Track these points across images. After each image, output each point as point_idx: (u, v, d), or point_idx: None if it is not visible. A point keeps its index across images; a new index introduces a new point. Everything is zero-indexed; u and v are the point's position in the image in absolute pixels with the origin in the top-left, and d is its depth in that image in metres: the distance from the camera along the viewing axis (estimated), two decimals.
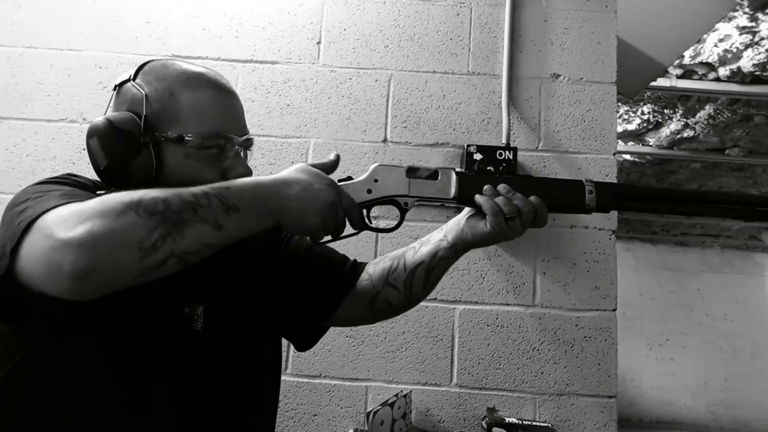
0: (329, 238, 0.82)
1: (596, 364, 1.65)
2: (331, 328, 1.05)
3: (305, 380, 1.65)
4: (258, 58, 1.80)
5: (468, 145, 1.69)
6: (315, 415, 1.63)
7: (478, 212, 0.88)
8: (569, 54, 1.80)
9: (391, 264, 0.96)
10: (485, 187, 0.86)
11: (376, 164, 0.88)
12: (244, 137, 0.85)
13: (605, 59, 1.79)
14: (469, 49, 1.80)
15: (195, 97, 0.81)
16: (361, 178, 0.87)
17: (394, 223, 0.91)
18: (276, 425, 0.93)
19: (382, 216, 1.68)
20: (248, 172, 0.85)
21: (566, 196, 0.88)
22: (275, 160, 1.75)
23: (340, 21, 1.82)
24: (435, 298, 1.68)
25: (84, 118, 1.77)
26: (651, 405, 6.91)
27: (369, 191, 0.86)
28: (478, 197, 0.86)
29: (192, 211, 0.64)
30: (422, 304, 1.66)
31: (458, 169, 0.89)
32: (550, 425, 1.57)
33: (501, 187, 0.86)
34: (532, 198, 0.85)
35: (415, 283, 0.94)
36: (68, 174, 0.79)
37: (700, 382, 6.95)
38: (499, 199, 0.85)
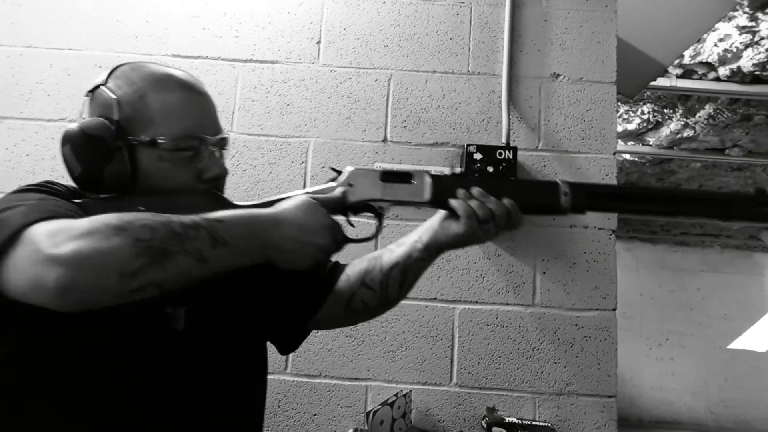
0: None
1: (596, 364, 1.65)
2: None
3: (305, 380, 1.65)
4: (258, 58, 1.80)
5: (468, 145, 1.69)
6: (315, 414, 1.63)
7: (453, 215, 0.88)
8: (569, 54, 1.80)
9: (368, 265, 0.97)
10: (459, 190, 0.86)
11: (351, 168, 0.88)
12: (218, 136, 0.85)
13: (605, 59, 1.79)
14: (469, 49, 1.80)
15: (165, 99, 0.80)
16: (334, 183, 0.87)
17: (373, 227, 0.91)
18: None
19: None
20: (224, 171, 0.85)
21: (540, 198, 0.88)
22: (275, 159, 1.75)
23: (340, 20, 1.82)
24: (435, 298, 1.68)
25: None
26: (651, 404, 6.91)
27: (343, 195, 0.87)
28: (452, 201, 0.86)
29: (178, 242, 0.64)
30: (422, 303, 1.67)
31: (432, 172, 0.89)
32: (549, 425, 1.57)
33: (475, 190, 0.86)
34: (506, 201, 0.85)
35: (391, 284, 0.95)
36: (46, 182, 0.78)
37: (699, 382, 6.94)
38: (473, 203, 0.85)
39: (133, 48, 1.80)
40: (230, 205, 0.82)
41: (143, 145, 0.78)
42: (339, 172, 0.88)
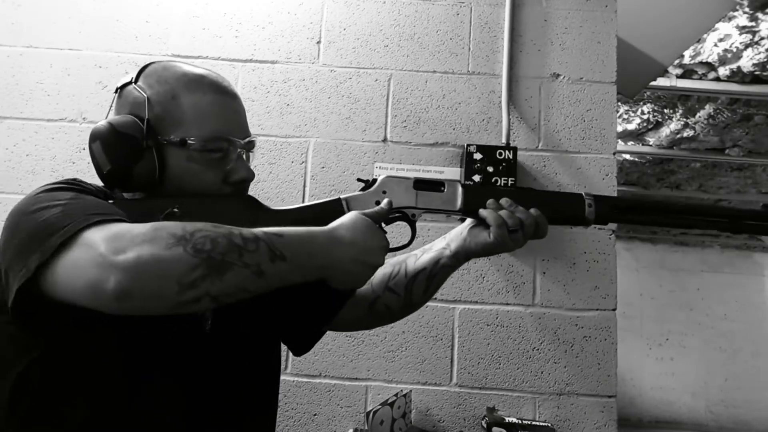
0: None
1: (596, 364, 1.65)
2: None
3: (305, 380, 1.65)
4: (258, 58, 1.80)
5: (468, 145, 1.69)
6: (315, 414, 1.63)
7: (481, 223, 0.90)
8: (569, 54, 1.80)
9: (392, 270, 0.98)
10: (489, 201, 0.89)
11: (384, 176, 0.90)
12: (247, 139, 0.85)
13: (605, 59, 1.79)
14: (469, 49, 1.80)
15: (197, 100, 0.80)
16: (370, 190, 0.89)
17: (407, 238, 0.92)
18: (276, 425, 0.94)
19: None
20: (251, 175, 0.86)
21: (567, 209, 0.92)
22: (275, 159, 1.75)
23: (340, 20, 1.82)
24: (435, 298, 1.67)
25: (84, 118, 1.77)
26: (651, 404, 6.91)
27: (377, 203, 0.88)
28: (482, 211, 0.89)
29: (237, 254, 0.64)
30: None
31: (464, 182, 0.92)
32: (549, 425, 1.57)
33: (504, 200, 0.89)
34: (533, 211, 0.88)
35: (416, 289, 0.96)
36: (73, 180, 0.78)
37: (699, 382, 6.94)
38: (503, 213, 0.88)
39: (133, 48, 1.80)
40: (269, 212, 0.83)
41: (172, 145, 0.79)
42: (365, 182, 0.90)
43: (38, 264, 0.61)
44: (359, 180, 0.91)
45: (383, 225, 0.88)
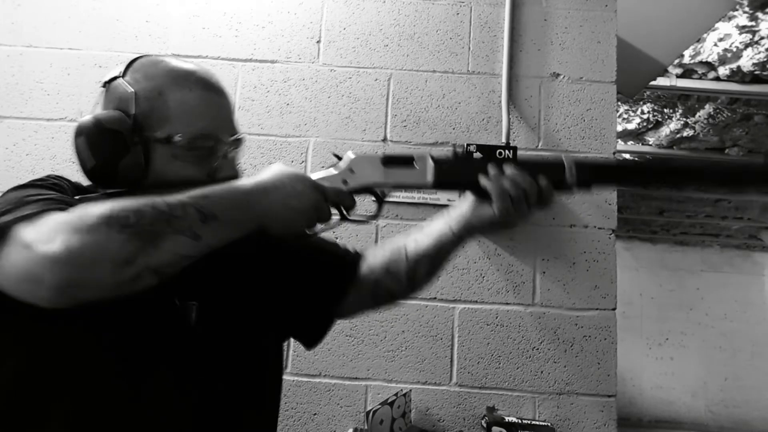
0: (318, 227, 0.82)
1: (596, 364, 1.65)
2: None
3: (305, 379, 1.65)
4: (258, 57, 1.80)
5: (468, 144, 1.69)
6: (315, 414, 1.63)
7: (473, 193, 0.87)
8: (569, 53, 1.80)
9: (391, 253, 0.96)
10: (490, 170, 0.83)
11: (351, 154, 0.87)
12: (233, 137, 0.84)
13: (605, 58, 1.79)
14: (469, 48, 1.80)
15: (183, 97, 0.79)
16: (336, 169, 0.86)
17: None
18: (277, 422, 0.93)
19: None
20: (236, 173, 0.85)
21: (547, 175, 0.84)
22: (275, 159, 1.75)
23: (340, 20, 1.82)
24: (435, 297, 1.68)
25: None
26: (650, 404, 6.92)
27: (345, 182, 0.85)
28: (483, 180, 0.83)
29: (165, 222, 0.63)
30: (422, 303, 1.67)
31: (434, 155, 0.87)
32: (549, 424, 1.57)
33: (508, 168, 0.83)
34: (541, 178, 0.82)
35: (418, 272, 0.95)
36: (49, 176, 0.77)
37: (699, 382, 6.95)
38: (506, 182, 0.82)
39: (133, 48, 1.80)
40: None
41: (158, 142, 0.78)
42: (340, 158, 0.87)
43: None
44: (334, 155, 0.88)
45: (354, 197, 0.86)
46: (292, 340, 1.03)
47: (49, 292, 0.58)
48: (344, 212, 0.85)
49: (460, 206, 0.91)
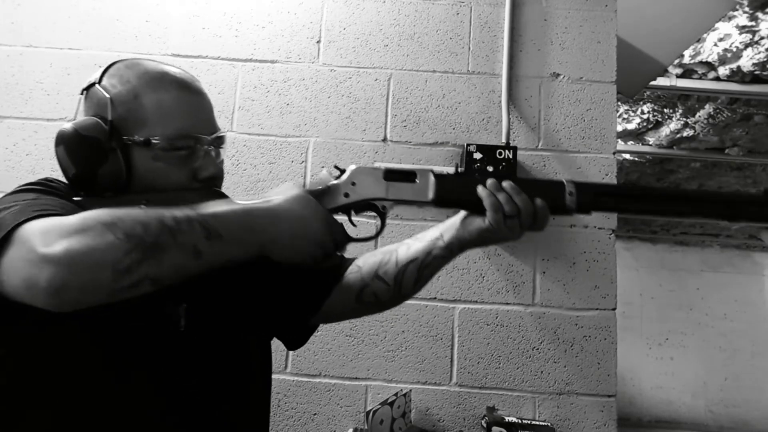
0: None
1: (596, 363, 1.65)
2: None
3: (305, 379, 1.65)
4: (258, 57, 1.80)
5: (468, 145, 1.69)
6: (315, 414, 1.63)
7: (474, 212, 0.87)
8: (569, 53, 1.80)
9: (382, 258, 0.96)
10: (488, 181, 0.83)
11: (353, 166, 0.87)
12: (214, 135, 0.84)
13: (605, 58, 1.79)
14: (469, 48, 1.80)
15: (159, 98, 0.79)
16: (338, 181, 0.85)
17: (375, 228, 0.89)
18: (276, 424, 0.93)
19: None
20: (219, 172, 0.85)
21: (545, 196, 0.85)
22: (275, 159, 1.75)
23: (340, 20, 1.82)
24: (435, 297, 1.68)
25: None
26: (650, 404, 6.92)
27: (346, 195, 0.85)
28: (480, 190, 0.83)
29: (170, 236, 0.63)
30: (422, 303, 1.67)
31: (436, 171, 0.87)
32: (549, 424, 1.57)
33: (506, 183, 0.83)
34: (537, 200, 0.83)
35: (406, 280, 0.94)
36: (45, 179, 0.78)
37: (699, 382, 6.95)
38: (501, 195, 0.83)
39: (133, 48, 1.80)
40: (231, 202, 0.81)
41: (137, 145, 0.77)
42: (342, 171, 0.87)
43: None
44: (336, 167, 0.87)
45: (353, 216, 0.86)
46: None
47: (47, 293, 0.58)
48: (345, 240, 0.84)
49: (455, 218, 0.92)
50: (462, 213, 0.91)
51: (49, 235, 0.59)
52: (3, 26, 1.81)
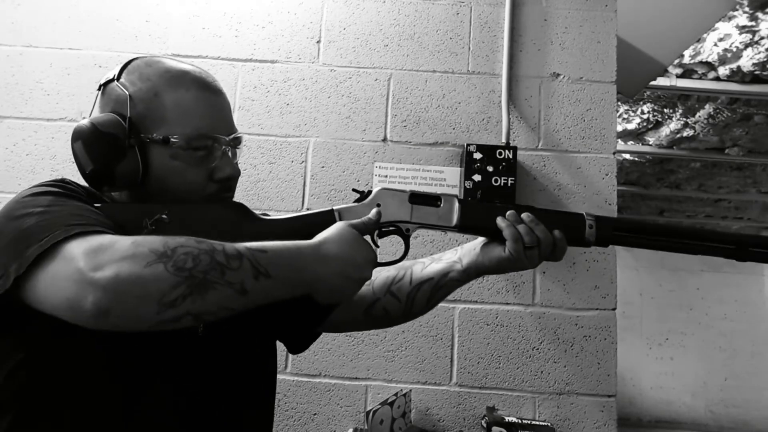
0: None
1: (596, 363, 1.65)
2: None
3: (305, 379, 1.65)
4: (258, 57, 1.80)
5: (468, 144, 1.69)
6: (315, 414, 1.63)
7: (495, 240, 0.88)
8: (569, 53, 1.80)
9: (396, 274, 0.96)
10: (509, 212, 0.86)
11: (379, 188, 0.88)
12: (232, 136, 0.84)
13: (605, 58, 1.79)
14: (469, 48, 1.80)
15: (179, 97, 0.79)
16: (364, 202, 0.86)
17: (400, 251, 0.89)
18: (276, 424, 0.93)
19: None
20: (236, 172, 0.85)
21: (565, 228, 0.87)
22: (275, 159, 1.75)
23: (340, 20, 1.82)
24: None
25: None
26: (650, 404, 6.92)
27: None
28: (500, 221, 0.86)
29: (220, 272, 0.62)
30: None
31: (461, 198, 0.89)
32: (549, 424, 1.57)
33: (525, 215, 0.86)
34: (556, 232, 0.86)
35: (419, 298, 0.94)
36: (60, 180, 0.76)
37: (699, 382, 6.95)
38: (521, 227, 0.85)
39: (133, 48, 1.80)
40: (259, 222, 0.81)
41: (155, 143, 0.77)
42: (361, 193, 0.88)
43: (16, 276, 0.60)
44: (354, 191, 0.89)
45: (376, 238, 0.86)
46: None
47: (90, 316, 0.57)
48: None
49: (474, 242, 0.93)
50: (481, 239, 0.92)
51: (97, 258, 0.58)
52: (3, 26, 1.81)
